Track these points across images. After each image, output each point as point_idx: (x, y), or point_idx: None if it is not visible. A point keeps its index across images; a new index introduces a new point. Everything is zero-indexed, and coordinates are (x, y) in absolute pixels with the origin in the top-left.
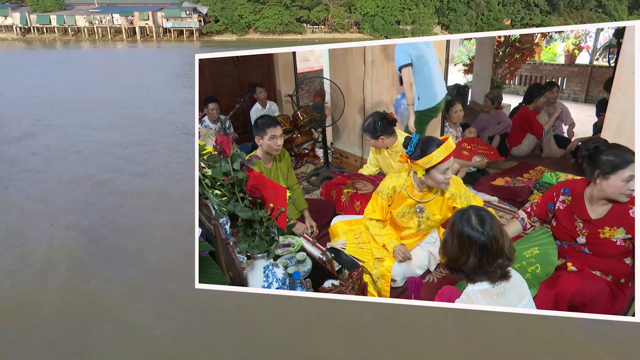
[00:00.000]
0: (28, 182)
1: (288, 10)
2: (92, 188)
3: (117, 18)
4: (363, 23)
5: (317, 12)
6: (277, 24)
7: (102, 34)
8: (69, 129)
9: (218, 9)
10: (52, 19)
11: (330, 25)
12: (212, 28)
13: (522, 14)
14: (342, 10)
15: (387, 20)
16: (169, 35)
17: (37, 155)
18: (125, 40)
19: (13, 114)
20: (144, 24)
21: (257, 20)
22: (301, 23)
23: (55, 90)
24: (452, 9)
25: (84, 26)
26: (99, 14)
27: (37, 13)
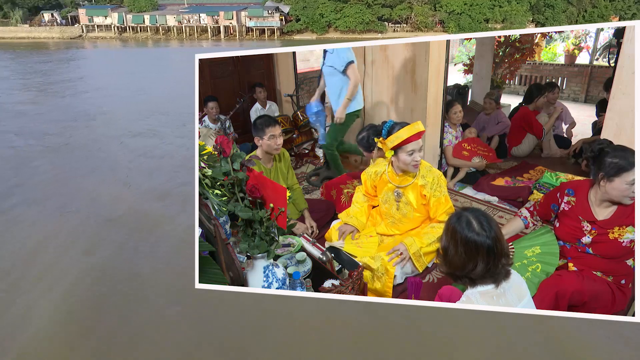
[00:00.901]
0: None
1: (370, 9)
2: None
3: (203, 18)
4: (448, 21)
5: (400, 10)
6: (358, 23)
7: (190, 33)
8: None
9: (299, 7)
10: (146, 18)
11: (413, 23)
12: (293, 27)
13: (634, 10)
14: (427, 8)
15: (474, 18)
16: (251, 34)
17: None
18: (210, 39)
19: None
20: (228, 23)
21: (338, 19)
22: (382, 22)
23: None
24: (549, 6)
25: (173, 25)
26: (188, 13)
27: (133, 13)
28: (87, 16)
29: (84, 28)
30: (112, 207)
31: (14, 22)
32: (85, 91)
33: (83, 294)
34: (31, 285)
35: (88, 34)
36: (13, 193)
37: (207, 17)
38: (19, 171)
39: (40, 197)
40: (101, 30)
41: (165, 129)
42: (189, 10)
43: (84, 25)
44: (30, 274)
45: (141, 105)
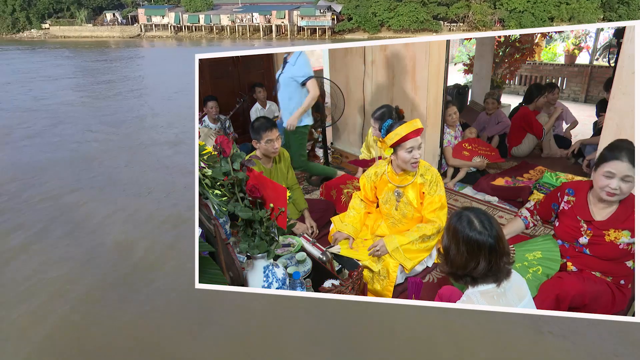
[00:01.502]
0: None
1: (425, 7)
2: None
3: (256, 17)
4: (509, 20)
5: (457, 9)
6: (412, 22)
7: (242, 32)
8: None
9: (352, 6)
10: (201, 18)
11: (471, 22)
12: (345, 26)
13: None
14: (486, 6)
15: (538, 16)
16: (302, 33)
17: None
18: (262, 38)
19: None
20: (280, 22)
21: (391, 18)
22: (437, 21)
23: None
24: (624, 2)
25: (226, 25)
26: (241, 13)
27: (189, 13)
28: (145, 16)
29: (142, 27)
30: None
31: (79, 21)
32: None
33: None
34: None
35: (146, 33)
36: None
37: (259, 16)
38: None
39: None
40: (158, 29)
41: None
42: (242, 10)
43: (142, 24)
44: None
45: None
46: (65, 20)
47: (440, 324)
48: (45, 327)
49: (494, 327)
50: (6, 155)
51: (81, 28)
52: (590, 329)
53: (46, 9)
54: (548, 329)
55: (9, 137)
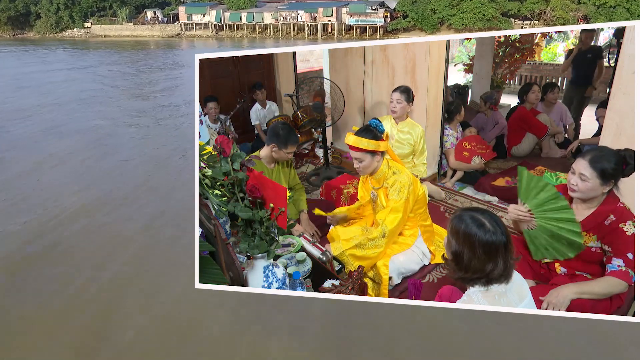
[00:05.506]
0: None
1: (493, 3)
2: None
3: (301, 15)
4: (596, 16)
5: (532, 4)
6: (477, 20)
7: (286, 31)
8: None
9: (408, 3)
10: (243, 16)
11: (548, 19)
12: (399, 25)
13: None
14: (569, 1)
15: (633, 12)
16: (351, 33)
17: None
18: (307, 37)
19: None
20: (327, 20)
21: (453, 15)
22: (507, 18)
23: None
24: None
25: (270, 23)
26: (286, 10)
27: (231, 11)
28: (186, 14)
29: (182, 26)
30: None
31: (120, 20)
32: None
33: None
34: None
35: (186, 32)
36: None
37: (305, 14)
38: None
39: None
40: (199, 28)
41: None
42: (287, 7)
43: (182, 23)
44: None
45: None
46: (106, 19)
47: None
48: None
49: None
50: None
51: (122, 27)
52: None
53: (89, 7)
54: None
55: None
